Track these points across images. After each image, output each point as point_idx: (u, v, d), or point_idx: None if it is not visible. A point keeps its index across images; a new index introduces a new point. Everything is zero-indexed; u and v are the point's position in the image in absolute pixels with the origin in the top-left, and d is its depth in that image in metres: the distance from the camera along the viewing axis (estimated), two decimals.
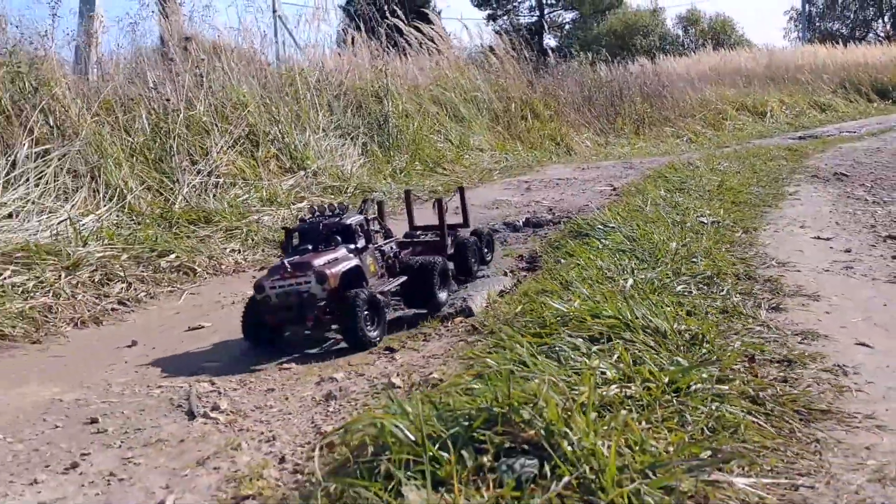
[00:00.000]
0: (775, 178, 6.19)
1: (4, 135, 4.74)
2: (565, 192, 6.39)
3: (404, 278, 3.09)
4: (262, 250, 4.60)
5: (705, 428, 1.59)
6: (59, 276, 3.67)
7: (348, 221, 2.99)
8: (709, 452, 1.48)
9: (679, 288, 2.67)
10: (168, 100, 5.89)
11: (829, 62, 18.86)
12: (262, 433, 2.02)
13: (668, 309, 2.30)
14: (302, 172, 6.39)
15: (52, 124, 5.07)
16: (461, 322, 2.95)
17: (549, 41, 25.03)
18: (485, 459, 1.43)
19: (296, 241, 2.99)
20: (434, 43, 10.17)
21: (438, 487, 1.37)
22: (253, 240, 4.74)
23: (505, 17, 25.58)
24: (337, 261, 2.81)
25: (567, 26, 28.01)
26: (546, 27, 25.61)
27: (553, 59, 13.35)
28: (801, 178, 6.27)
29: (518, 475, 1.38)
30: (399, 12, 9.30)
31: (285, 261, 2.75)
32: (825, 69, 18.18)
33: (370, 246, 3.05)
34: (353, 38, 9.27)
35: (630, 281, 2.56)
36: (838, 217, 4.56)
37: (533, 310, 2.43)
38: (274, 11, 10.69)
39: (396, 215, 4.98)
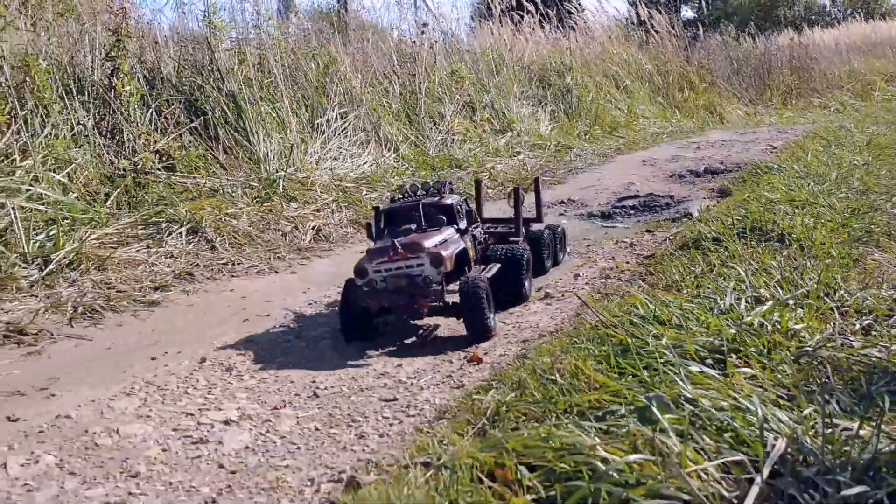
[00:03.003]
0: None
1: (321, 102, 6.84)
2: (730, 150, 7.97)
3: (498, 266, 2.98)
4: (506, 187, 6.49)
5: (862, 238, 3.31)
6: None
7: (450, 201, 2.92)
8: (863, 244, 3.21)
9: (841, 195, 4.33)
10: (413, 74, 7.90)
11: None
12: (603, 257, 3.87)
13: (836, 200, 4.00)
14: (510, 133, 8.28)
15: (343, 94, 7.16)
16: (686, 221, 4.71)
17: (687, 13, 25.93)
18: (753, 241, 3.22)
19: (382, 224, 2.93)
20: (587, 18, 11.88)
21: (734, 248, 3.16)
22: (496, 179, 6.65)
23: None
24: (447, 242, 2.74)
25: None
26: None
27: (702, 32, 14.70)
28: None
29: (771, 246, 3.16)
30: None
31: (395, 241, 2.64)
32: None
33: (469, 228, 3.00)
34: (518, 17, 11.09)
35: (809, 183, 4.26)
36: None
37: (751, 196, 4.18)
38: None
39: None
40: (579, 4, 11.43)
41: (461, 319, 2.71)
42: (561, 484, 1.37)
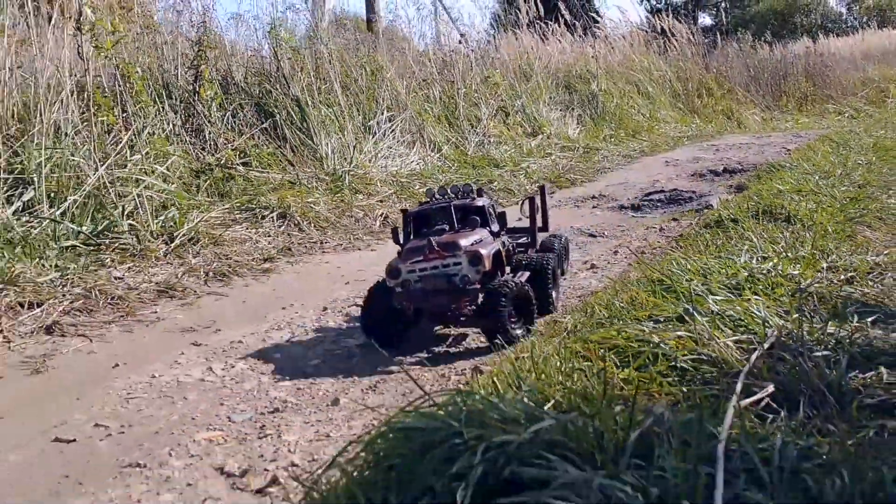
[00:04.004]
0: None
1: (371, 106, 7.61)
2: (747, 152, 8.69)
3: (528, 274, 2.89)
4: (537, 183, 7.22)
5: (855, 219, 4.02)
6: None
7: (481, 203, 2.91)
8: (857, 224, 3.93)
9: (843, 187, 5.05)
10: (452, 81, 8.67)
11: None
12: (636, 238, 4.60)
13: (837, 191, 4.72)
14: (541, 136, 9.03)
15: (390, 99, 7.93)
16: (706, 211, 5.43)
17: (705, 20, 26.69)
18: (765, 221, 3.94)
19: (411, 228, 2.90)
20: (608, 27, 12.65)
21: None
22: (532, 178, 7.39)
23: None
24: (483, 242, 2.70)
25: (723, 4, 29.47)
26: (701, 5, 27.29)
27: (720, 39, 15.42)
28: None
29: (779, 224, 3.89)
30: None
31: (431, 239, 2.60)
32: None
33: (501, 232, 2.97)
34: (545, 27, 11.87)
35: (816, 177, 4.98)
36: None
37: (764, 188, 4.91)
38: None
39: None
40: (601, 14, 12.18)
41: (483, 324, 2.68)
42: (629, 356, 2.11)
